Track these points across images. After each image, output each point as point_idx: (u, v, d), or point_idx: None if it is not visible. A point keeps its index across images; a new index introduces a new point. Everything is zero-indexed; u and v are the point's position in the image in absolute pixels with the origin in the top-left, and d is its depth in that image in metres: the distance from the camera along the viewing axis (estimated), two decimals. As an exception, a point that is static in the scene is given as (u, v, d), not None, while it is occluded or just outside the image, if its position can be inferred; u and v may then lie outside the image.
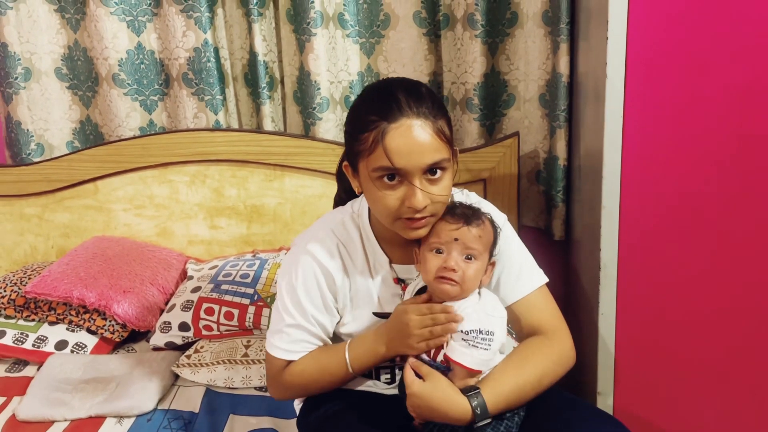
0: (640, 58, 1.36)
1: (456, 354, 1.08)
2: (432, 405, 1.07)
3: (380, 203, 1.09)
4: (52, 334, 1.70)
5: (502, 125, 1.99)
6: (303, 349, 1.20)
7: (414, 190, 1.06)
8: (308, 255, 1.17)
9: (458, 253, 1.10)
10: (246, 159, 1.96)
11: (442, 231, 1.11)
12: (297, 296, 1.18)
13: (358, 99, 1.15)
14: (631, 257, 1.47)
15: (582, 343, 1.71)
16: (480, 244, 1.10)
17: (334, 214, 1.25)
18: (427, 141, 1.05)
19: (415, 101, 1.07)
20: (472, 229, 1.10)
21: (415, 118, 1.06)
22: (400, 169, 1.05)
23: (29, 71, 2.03)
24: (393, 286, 1.21)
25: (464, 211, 1.13)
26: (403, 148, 1.04)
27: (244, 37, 2.00)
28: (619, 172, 1.43)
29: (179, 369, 1.58)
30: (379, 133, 1.05)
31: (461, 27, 1.87)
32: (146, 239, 2.03)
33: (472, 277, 1.10)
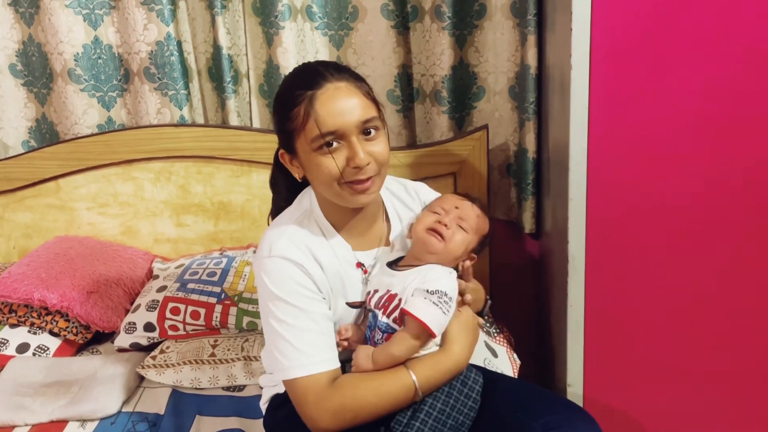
0: (604, 49, 1.36)
1: (418, 310, 1.07)
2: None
3: (324, 172, 1.09)
4: (13, 336, 1.66)
5: (472, 118, 1.98)
6: (331, 351, 1.11)
7: (355, 147, 1.07)
8: (275, 259, 1.11)
9: (455, 218, 1.17)
10: (212, 155, 1.92)
11: (447, 200, 1.22)
12: (286, 303, 1.10)
13: (280, 87, 1.16)
14: (598, 249, 1.47)
15: (552, 335, 1.72)
16: (475, 223, 1.18)
17: (283, 218, 1.20)
18: (356, 100, 1.09)
19: (335, 69, 1.11)
20: (475, 208, 1.20)
21: (337, 81, 1.09)
22: (336, 130, 1.07)
23: (-18, 69, 1.97)
24: (356, 271, 1.19)
25: (476, 196, 1.25)
26: (334, 109, 1.06)
27: (208, 30, 1.96)
28: (585, 163, 1.43)
29: (144, 370, 1.55)
30: (309, 103, 1.07)
31: (429, 19, 1.86)
32: (111, 238, 1.99)
33: (457, 243, 1.15)
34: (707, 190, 1.42)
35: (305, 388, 1.08)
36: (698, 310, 1.49)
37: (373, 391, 1.08)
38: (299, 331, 1.09)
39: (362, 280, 1.20)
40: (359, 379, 1.10)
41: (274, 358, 1.11)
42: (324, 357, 1.09)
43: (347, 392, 1.07)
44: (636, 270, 1.48)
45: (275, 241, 1.13)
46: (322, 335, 1.11)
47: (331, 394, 1.07)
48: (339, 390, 1.07)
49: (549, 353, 1.76)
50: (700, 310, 1.49)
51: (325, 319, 1.13)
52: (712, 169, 1.40)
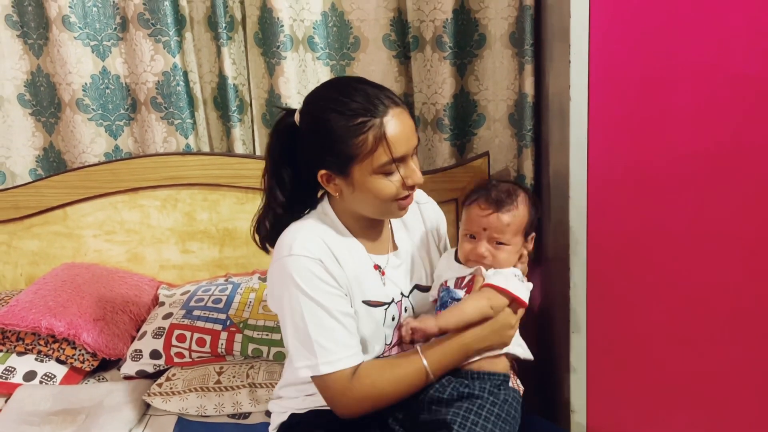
0: (602, 80, 1.39)
1: (501, 282, 1.15)
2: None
3: (384, 192, 1.14)
4: (20, 364, 1.67)
5: (472, 144, 2.01)
6: (356, 347, 1.16)
7: (413, 168, 1.15)
8: (296, 257, 1.13)
9: (488, 241, 1.17)
10: (217, 182, 1.95)
11: (474, 218, 1.19)
12: (311, 300, 1.13)
13: (324, 112, 1.13)
14: (599, 275, 1.49)
15: (555, 361, 1.73)
16: (509, 232, 1.17)
17: (297, 223, 1.21)
18: (411, 122, 1.15)
19: (381, 92, 1.14)
20: (502, 216, 1.17)
21: (395, 106, 1.13)
22: (404, 155, 1.13)
23: (-9, 97, 2.01)
24: (374, 272, 1.23)
25: (498, 194, 1.19)
26: (402, 134, 1.12)
27: (213, 60, 2.00)
28: (585, 191, 1.45)
29: (150, 398, 1.56)
30: (378, 130, 1.10)
31: (430, 49, 1.89)
32: (117, 265, 2.01)
33: (504, 259, 1.18)
34: (705, 216, 1.44)
35: (333, 383, 1.14)
36: (702, 336, 1.50)
37: (389, 380, 1.15)
38: (324, 330, 1.13)
39: (381, 281, 1.24)
40: (378, 368, 1.17)
41: (302, 354, 1.14)
42: (348, 353, 1.15)
43: (367, 382, 1.14)
44: (637, 296, 1.50)
45: (294, 240, 1.16)
46: (345, 332, 1.15)
47: (353, 385, 1.14)
48: (360, 380, 1.14)
49: (552, 379, 1.77)
50: (704, 335, 1.50)
51: (348, 317, 1.16)
52: (709, 195, 1.43)
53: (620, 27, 1.36)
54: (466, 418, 1.10)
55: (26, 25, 1.98)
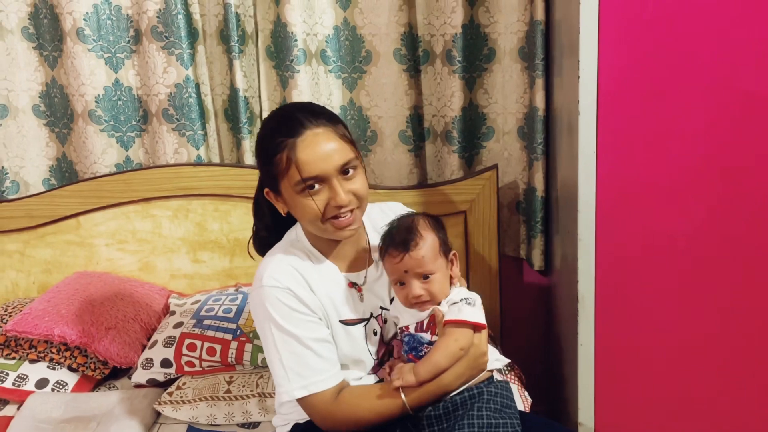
0: (611, 95, 1.40)
1: (450, 314, 1.17)
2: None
3: (309, 211, 1.17)
4: (32, 372, 1.69)
5: (481, 157, 2.03)
6: (329, 370, 1.20)
7: (336, 189, 1.16)
8: (267, 288, 1.19)
9: (416, 279, 1.19)
10: (228, 193, 1.97)
11: (391, 267, 1.21)
12: (283, 330, 1.18)
13: (261, 130, 1.24)
14: (608, 288, 1.50)
15: (562, 373, 1.73)
16: (428, 262, 1.18)
17: (273, 251, 1.28)
18: (333, 145, 1.16)
19: (311, 114, 1.18)
20: (413, 254, 1.18)
21: (315, 128, 1.17)
22: (318, 175, 1.15)
23: (6, 108, 2.03)
24: (349, 290, 1.26)
25: (402, 236, 1.20)
26: (313, 156, 1.15)
27: (225, 73, 2.03)
28: (594, 203, 1.47)
29: (161, 406, 1.57)
30: (291, 150, 1.15)
31: (440, 62, 1.92)
32: (128, 274, 2.03)
33: (438, 289, 1.20)
34: (714, 229, 1.45)
35: (312, 405, 1.20)
36: (710, 349, 1.50)
37: (368, 410, 1.19)
38: (296, 357, 1.19)
39: (358, 298, 1.27)
40: (358, 398, 1.21)
41: (278, 380, 1.21)
42: (321, 377, 1.19)
43: (348, 410, 1.19)
44: (646, 309, 1.50)
45: (264, 271, 1.21)
46: (316, 358, 1.20)
47: (334, 409, 1.19)
48: (341, 406, 1.19)
49: (560, 391, 1.77)
50: (712, 348, 1.50)
51: (319, 342, 1.20)
52: (718, 207, 1.44)
53: (629, 42, 1.38)
54: (471, 425, 1.12)
55: (42, 37, 2.01)
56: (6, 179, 2.06)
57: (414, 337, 1.21)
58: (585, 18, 1.38)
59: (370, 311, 1.28)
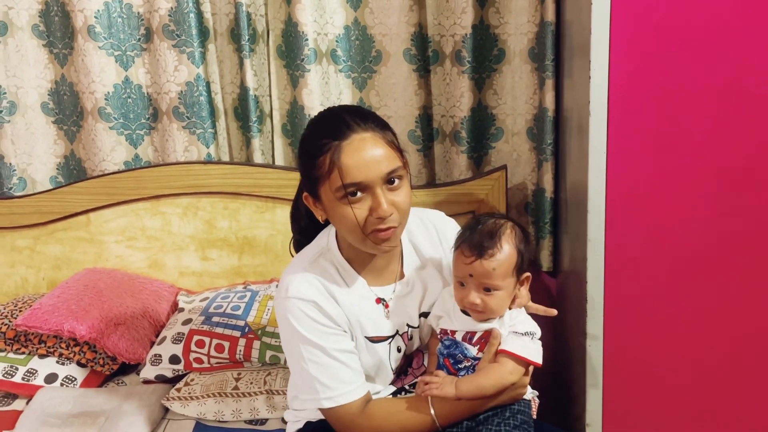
0: (621, 95, 1.40)
1: (510, 346, 1.14)
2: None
3: (348, 220, 1.12)
4: (41, 367, 1.70)
5: (490, 158, 2.03)
6: (356, 381, 1.18)
7: (379, 199, 1.10)
8: (292, 300, 1.17)
9: (477, 287, 1.13)
10: (238, 191, 1.98)
11: (459, 265, 1.15)
12: (308, 342, 1.16)
13: (306, 130, 1.19)
14: (617, 290, 1.49)
15: (570, 375, 1.73)
16: (497, 277, 1.12)
17: (301, 257, 1.25)
18: (380, 151, 1.11)
19: (360, 118, 1.13)
20: (485, 263, 1.11)
21: (363, 132, 1.11)
22: (361, 182, 1.09)
23: (15, 105, 2.04)
24: (376, 307, 1.23)
25: (480, 238, 1.13)
26: (359, 161, 1.09)
27: (235, 72, 2.04)
28: (604, 205, 1.46)
29: (169, 402, 1.58)
30: (335, 153, 1.09)
31: (450, 63, 1.92)
32: (138, 271, 2.04)
33: (495, 306, 1.15)
34: (725, 230, 1.44)
35: (338, 417, 1.18)
36: (720, 350, 1.50)
37: (395, 424, 1.17)
38: (323, 368, 1.16)
39: (384, 314, 1.23)
40: (387, 411, 1.18)
41: (305, 390, 1.18)
42: (348, 389, 1.17)
43: (374, 424, 1.17)
44: (655, 310, 1.50)
45: (290, 282, 1.18)
46: (344, 368, 1.17)
47: (361, 423, 1.17)
48: (369, 419, 1.17)
49: (568, 393, 1.77)
50: (723, 350, 1.50)
51: (346, 353, 1.18)
52: (728, 210, 1.43)
53: (640, 42, 1.38)
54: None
55: (52, 34, 2.02)
56: (13, 176, 2.07)
57: (458, 345, 1.18)
58: (597, 19, 1.38)
59: (396, 328, 1.25)
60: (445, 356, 1.20)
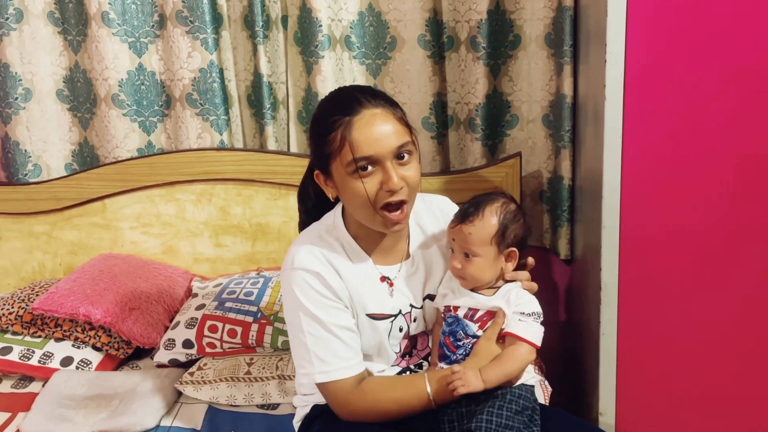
0: (638, 80, 1.38)
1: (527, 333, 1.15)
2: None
3: (359, 195, 1.13)
4: (57, 350, 1.72)
5: (504, 145, 2.01)
6: (352, 358, 1.19)
7: (389, 172, 1.12)
8: (297, 271, 1.19)
9: (459, 252, 1.18)
10: (251, 178, 1.98)
11: (448, 232, 1.21)
12: (309, 314, 1.17)
13: (317, 109, 1.21)
14: (631, 276, 1.48)
15: (584, 363, 1.72)
16: (474, 243, 1.16)
17: (307, 232, 1.27)
18: (390, 126, 1.13)
19: (371, 94, 1.15)
20: (463, 227, 1.17)
21: (374, 108, 1.13)
22: (372, 156, 1.11)
23: (30, 92, 2.06)
24: (380, 285, 1.24)
25: (468, 207, 1.19)
26: (370, 135, 1.11)
27: (249, 58, 2.03)
28: (619, 191, 1.44)
29: (182, 386, 1.59)
30: (346, 129, 1.11)
31: (465, 49, 1.90)
32: (152, 257, 2.05)
33: (474, 272, 1.17)
34: (740, 218, 1.42)
35: (333, 392, 1.19)
36: (736, 340, 1.48)
37: (393, 400, 1.18)
38: (320, 341, 1.18)
39: (389, 293, 1.24)
40: (382, 388, 1.19)
41: (301, 362, 1.20)
42: (345, 364, 1.18)
43: (370, 398, 1.18)
44: (670, 298, 1.48)
45: (296, 254, 1.20)
46: (341, 344, 1.18)
47: (356, 398, 1.18)
48: (363, 395, 1.18)
49: (581, 381, 1.75)
50: (738, 340, 1.48)
51: (344, 329, 1.19)
52: (744, 197, 1.41)
53: (658, 26, 1.35)
54: (490, 421, 1.11)
55: (67, 21, 2.03)
56: (29, 162, 2.09)
57: (459, 322, 1.19)
58: (613, 2, 1.36)
59: (399, 308, 1.25)
60: (446, 334, 1.21)
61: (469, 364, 1.16)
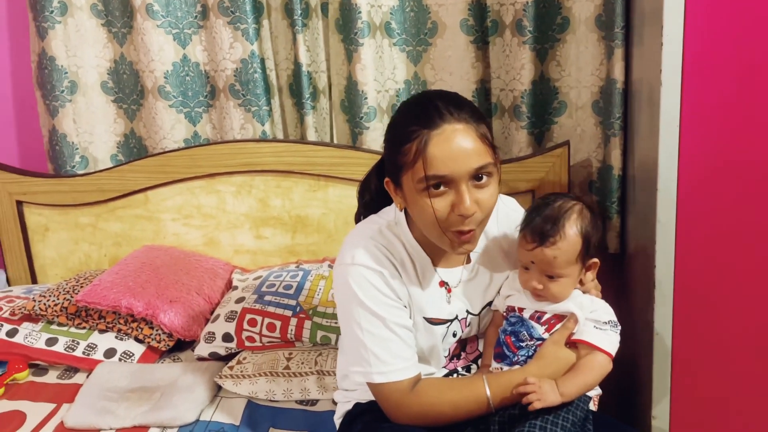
0: (697, 63, 1.29)
1: (603, 343, 1.11)
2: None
3: (428, 214, 1.07)
4: (101, 342, 1.74)
5: (552, 133, 1.93)
6: (411, 359, 1.15)
7: (462, 195, 1.04)
8: (356, 267, 1.14)
9: (539, 273, 1.11)
10: (291, 169, 1.96)
11: (521, 250, 1.14)
12: (368, 311, 1.13)
13: (396, 113, 1.14)
14: (688, 274, 1.39)
15: (636, 364, 1.63)
16: (559, 265, 1.10)
17: (366, 224, 1.22)
18: (470, 145, 1.05)
19: (455, 107, 1.06)
20: (546, 251, 1.09)
21: (456, 123, 1.05)
22: (446, 176, 1.04)
23: (75, 84, 2.08)
24: (439, 290, 1.19)
25: (543, 224, 1.10)
26: (447, 154, 1.03)
27: (289, 48, 2.00)
28: (676, 184, 1.36)
29: (222, 380, 1.58)
30: (422, 142, 1.04)
31: (510, 33, 1.82)
32: (194, 249, 2.06)
33: (558, 292, 1.12)
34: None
35: (387, 394, 1.14)
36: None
37: (450, 402, 1.13)
38: (380, 340, 1.13)
39: (446, 299, 1.20)
40: (438, 390, 1.14)
41: (356, 360, 1.15)
42: (403, 365, 1.13)
43: (425, 401, 1.13)
44: (729, 298, 1.39)
45: (357, 249, 1.15)
46: (401, 343, 1.14)
47: (411, 401, 1.13)
48: (419, 398, 1.13)
49: (633, 383, 1.67)
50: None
51: (404, 329, 1.15)
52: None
53: (719, 4, 1.25)
54: (544, 428, 1.06)
55: (111, 14, 2.04)
56: (76, 154, 2.11)
57: (524, 323, 1.15)
58: (671, -20, 1.27)
59: (456, 313, 1.21)
60: (507, 333, 1.16)
61: (532, 368, 1.12)
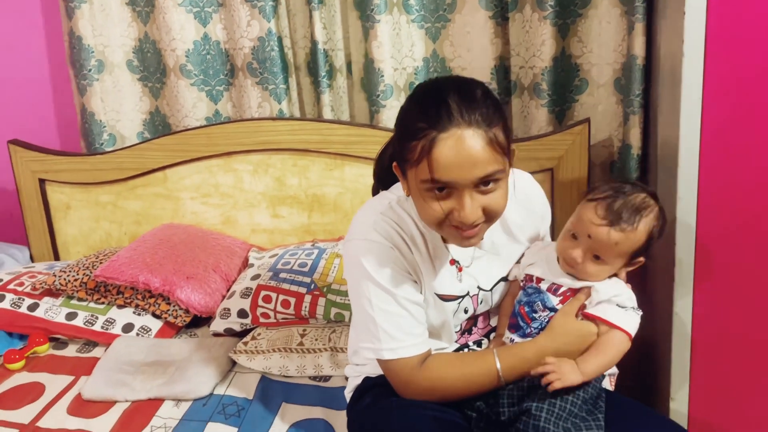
0: (721, 36, 1.24)
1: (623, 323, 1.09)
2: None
3: (426, 213, 1.05)
4: (119, 317, 1.76)
5: (573, 112, 1.89)
6: (421, 335, 1.14)
7: (463, 203, 1.01)
8: (366, 242, 1.12)
9: (587, 249, 1.08)
10: (307, 148, 1.95)
11: (584, 219, 1.09)
12: (379, 286, 1.11)
13: (408, 100, 1.08)
14: (709, 254, 1.36)
15: (654, 344, 1.60)
16: (613, 253, 1.08)
17: (377, 200, 1.20)
18: (478, 153, 0.99)
19: (467, 107, 1.00)
20: (612, 233, 1.06)
21: (466, 127, 0.99)
22: (449, 182, 1.00)
23: (102, 63, 2.10)
24: (450, 267, 1.18)
25: (623, 207, 1.07)
26: (452, 160, 0.98)
27: (307, 26, 1.99)
28: (697, 162, 1.32)
29: (236, 355, 1.59)
30: (428, 144, 0.99)
31: (530, 8, 1.79)
32: (212, 227, 2.07)
33: (594, 273, 1.10)
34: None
35: (397, 370, 1.13)
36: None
37: (460, 377, 1.12)
38: (390, 316, 1.12)
39: (457, 276, 1.18)
40: (448, 364, 1.13)
41: (366, 336, 1.14)
42: (413, 342, 1.13)
43: (435, 376, 1.12)
44: (750, 278, 1.35)
45: (367, 224, 1.13)
46: (411, 320, 1.13)
47: (420, 376, 1.12)
48: (428, 373, 1.12)
49: (650, 363, 1.64)
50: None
51: (415, 305, 1.14)
52: None
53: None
54: (553, 404, 1.05)
55: (134, -8, 2.06)
56: (104, 132, 2.13)
57: (540, 294, 1.14)
58: (694, -51, 1.22)
59: (467, 290, 1.20)
60: (522, 304, 1.15)
61: (542, 339, 1.11)
